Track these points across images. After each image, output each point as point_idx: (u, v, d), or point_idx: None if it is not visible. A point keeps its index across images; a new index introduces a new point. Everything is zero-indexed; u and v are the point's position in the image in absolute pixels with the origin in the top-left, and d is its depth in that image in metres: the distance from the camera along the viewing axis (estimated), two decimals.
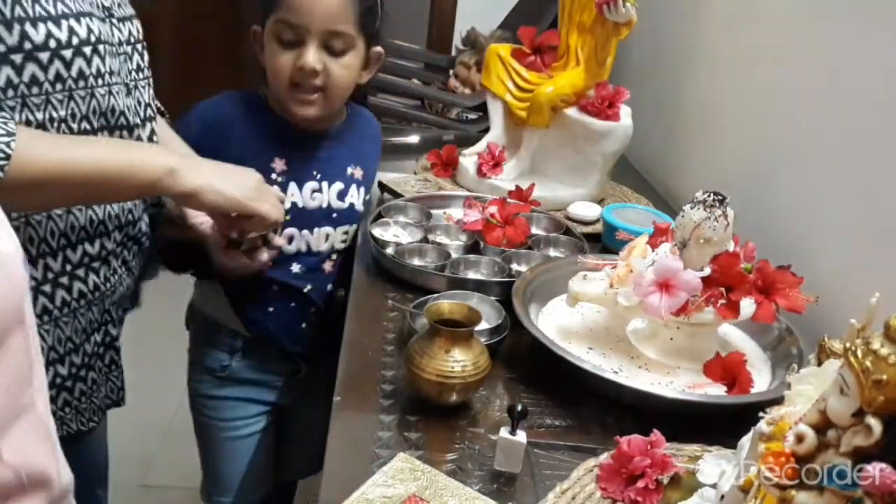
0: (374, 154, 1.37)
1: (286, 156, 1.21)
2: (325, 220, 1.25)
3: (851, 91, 1.11)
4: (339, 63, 1.15)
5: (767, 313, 0.94)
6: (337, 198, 1.26)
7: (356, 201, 1.28)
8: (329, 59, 1.14)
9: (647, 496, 0.74)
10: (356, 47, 1.16)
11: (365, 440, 0.82)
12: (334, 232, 1.27)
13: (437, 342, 0.85)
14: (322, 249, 1.26)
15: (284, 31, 1.13)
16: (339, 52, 1.15)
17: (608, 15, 1.41)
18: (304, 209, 1.23)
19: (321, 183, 1.24)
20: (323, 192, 1.24)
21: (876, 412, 0.47)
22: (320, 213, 1.24)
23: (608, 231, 1.34)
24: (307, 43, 1.13)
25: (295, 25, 1.12)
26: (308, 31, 1.12)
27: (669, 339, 0.99)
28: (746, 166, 1.40)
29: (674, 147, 1.75)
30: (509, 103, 1.53)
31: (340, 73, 1.16)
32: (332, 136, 1.27)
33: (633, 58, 1.95)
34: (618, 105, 1.48)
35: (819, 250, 1.13)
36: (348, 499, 0.72)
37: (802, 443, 0.51)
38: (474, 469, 0.80)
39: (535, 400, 0.92)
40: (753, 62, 1.42)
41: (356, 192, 1.28)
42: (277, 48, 1.14)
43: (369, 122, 1.38)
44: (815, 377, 0.59)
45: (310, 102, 1.17)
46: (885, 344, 0.47)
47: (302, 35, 1.13)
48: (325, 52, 1.14)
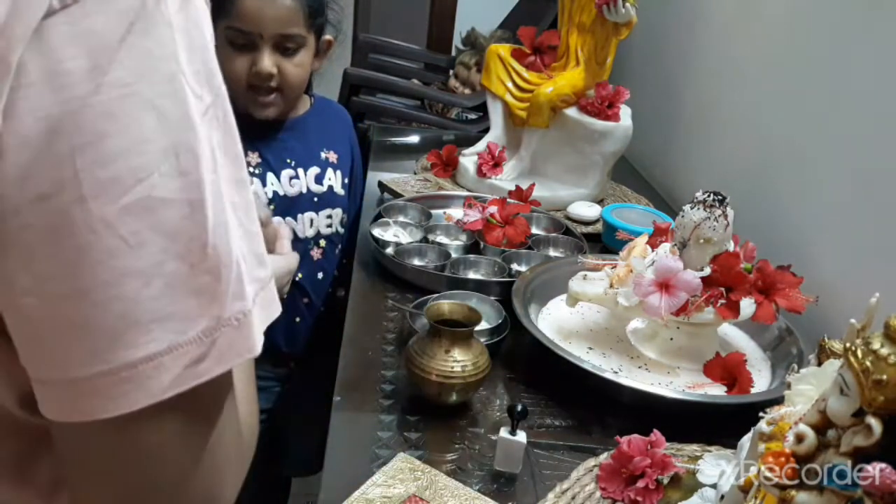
0: (347, 138, 1.42)
1: (258, 149, 1.26)
2: (308, 205, 1.30)
3: (851, 91, 1.11)
4: (292, 62, 1.20)
5: (767, 313, 0.94)
6: (315, 182, 1.30)
7: (335, 184, 1.33)
8: (282, 59, 1.19)
9: (647, 496, 0.74)
10: (307, 45, 1.21)
11: (365, 440, 0.82)
12: (317, 216, 1.31)
13: (437, 342, 0.85)
14: (308, 235, 1.31)
15: (237, 37, 1.17)
16: (292, 52, 1.20)
17: (608, 15, 1.41)
18: (286, 196, 1.27)
19: (297, 169, 1.29)
20: (300, 177, 1.29)
21: (876, 412, 0.47)
22: (301, 199, 1.29)
23: (608, 231, 1.34)
24: (260, 48, 1.17)
25: (246, 32, 1.16)
26: (261, 37, 1.16)
27: (669, 339, 0.99)
28: (746, 166, 1.40)
29: (674, 147, 1.75)
30: (509, 103, 1.53)
31: (294, 71, 1.21)
32: (299, 124, 1.32)
33: (633, 58, 1.95)
34: (618, 105, 1.49)
35: (819, 250, 1.13)
36: (348, 499, 0.72)
37: (802, 443, 0.51)
38: (474, 469, 0.80)
39: (535, 400, 0.92)
40: (753, 62, 1.42)
41: (333, 174, 1.33)
42: (231, 53, 1.18)
43: (336, 110, 1.44)
44: (815, 377, 0.59)
45: (269, 104, 1.22)
46: (885, 344, 0.47)
47: (254, 40, 1.17)
48: (278, 53, 1.19)
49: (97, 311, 0.33)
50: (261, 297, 0.39)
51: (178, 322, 0.35)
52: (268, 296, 0.40)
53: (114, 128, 0.33)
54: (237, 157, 0.39)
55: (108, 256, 0.33)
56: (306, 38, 1.20)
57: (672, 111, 1.76)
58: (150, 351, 0.34)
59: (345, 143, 1.39)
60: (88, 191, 0.32)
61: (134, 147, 0.33)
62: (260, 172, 1.24)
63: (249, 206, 0.39)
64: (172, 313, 0.35)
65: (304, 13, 1.18)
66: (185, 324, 0.35)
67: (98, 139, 0.32)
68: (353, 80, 2.18)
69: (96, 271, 0.33)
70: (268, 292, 0.40)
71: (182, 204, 0.34)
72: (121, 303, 0.34)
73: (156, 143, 0.34)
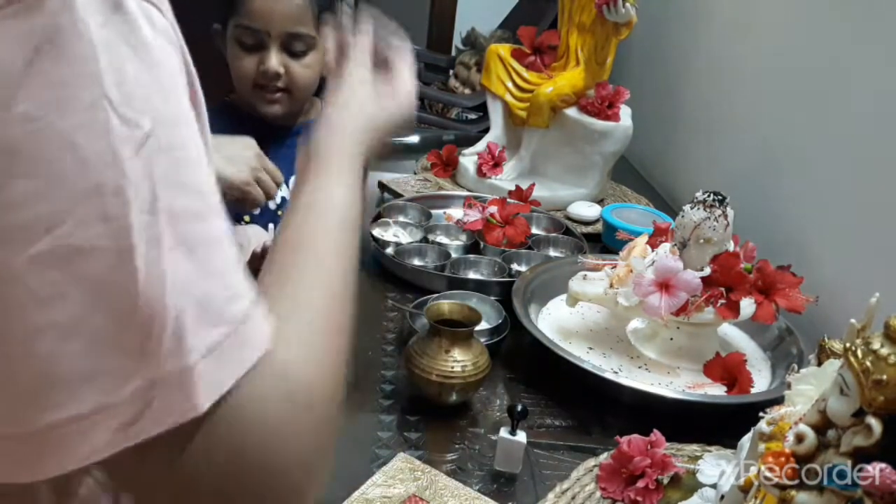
0: None
1: (267, 154, 1.24)
2: None
3: (852, 90, 1.11)
4: (300, 64, 1.19)
5: (767, 313, 0.94)
6: None
7: None
8: (290, 60, 1.18)
9: (647, 496, 0.74)
10: (317, 46, 1.19)
11: (365, 440, 0.82)
12: None
13: (437, 342, 0.85)
14: None
15: (245, 36, 1.16)
16: (300, 54, 1.18)
17: (608, 15, 1.41)
18: None
19: None
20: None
21: (876, 412, 0.47)
22: None
23: (608, 231, 1.34)
24: (268, 47, 1.16)
25: (255, 30, 1.15)
26: (268, 35, 1.15)
27: (669, 339, 0.99)
28: (746, 166, 1.40)
29: (673, 147, 1.75)
30: (509, 103, 1.53)
31: (302, 73, 1.19)
32: (310, 130, 1.29)
33: (633, 58, 1.95)
34: (618, 105, 1.49)
35: (819, 250, 1.13)
36: (348, 499, 0.72)
37: (802, 443, 0.51)
38: (474, 469, 0.80)
39: (535, 400, 0.92)
40: (754, 62, 1.42)
41: None
42: (239, 52, 1.17)
43: None
44: (815, 377, 0.59)
45: (275, 101, 1.20)
46: (885, 344, 0.47)
47: (262, 39, 1.16)
48: (286, 54, 1.17)
49: (13, 369, 0.31)
50: (228, 343, 0.34)
51: (105, 381, 0.31)
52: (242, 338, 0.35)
53: (19, 169, 0.29)
54: (195, 186, 0.34)
55: (19, 310, 0.30)
56: (316, 38, 1.18)
57: (672, 111, 1.76)
58: (74, 412, 0.31)
59: None
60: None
61: (44, 191, 0.29)
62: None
63: (215, 240, 0.35)
64: (97, 371, 0.31)
65: (314, 13, 1.16)
66: (113, 383, 0.31)
67: (1, 182, 0.29)
68: None
69: (9, 326, 0.30)
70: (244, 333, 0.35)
71: (106, 253, 0.31)
72: (37, 360, 0.31)
73: (70, 185, 0.30)
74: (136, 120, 0.31)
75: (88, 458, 0.32)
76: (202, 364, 0.33)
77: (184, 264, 0.33)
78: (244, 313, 0.36)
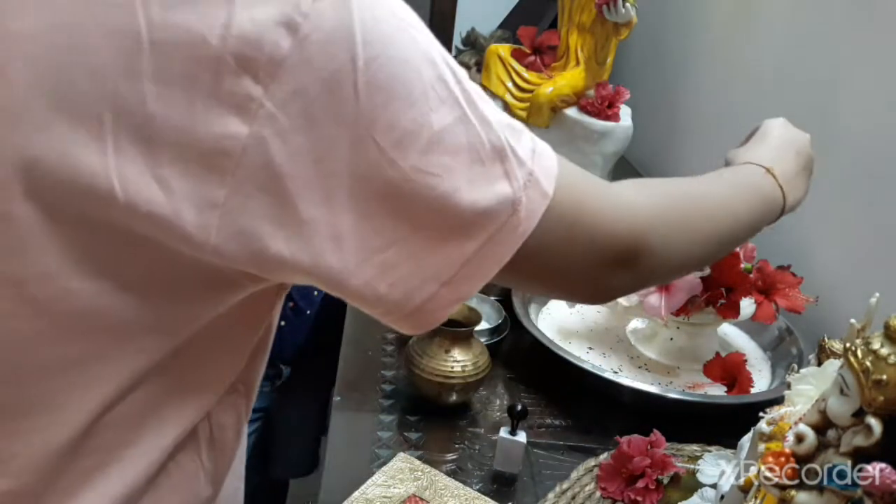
0: None
1: None
2: None
3: (853, 90, 1.10)
4: None
5: (767, 313, 0.94)
6: None
7: None
8: None
9: (647, 496, 0.74)
10: None
11: (365, 440, 0.82)
12: None
13: (436, 342, 0.85)
14: None
15: None
16: None
17: (608, 15, 1.41)
18: None
19: None
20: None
21: (876, 412, 0.47)
22: None
23: None
24: None
25: None
26: None
27: (669, 339, 0.99)
28: None
29: (674, 147, 1.75)
30: (509, 103, 1.52)
31: None
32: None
33: (633, 58, 1.95)
34: (618, 105, 1.48)
35: (819, 250, 1.13)
36: (348, 499, 0.72)
37: (802, 443, 0.51)
38: (474, 469, 0.80)
39: (534, 400, 0.92)
40: (754, 62, 1.42)
41: None
42: None
43: None
44: (815, 377, 0.59)
45: None
46: (886, 344, 0.47)
47: None
48: None
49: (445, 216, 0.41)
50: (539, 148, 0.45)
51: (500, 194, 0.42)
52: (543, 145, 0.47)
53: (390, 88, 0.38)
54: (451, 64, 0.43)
55: (429, 192, 0.40)
56: None
57: (672, 111, 1.76)
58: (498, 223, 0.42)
59: None
60: (394, 155, 0.38)
61: (408, 98, 0.39)
62: None
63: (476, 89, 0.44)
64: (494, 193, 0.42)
65: None
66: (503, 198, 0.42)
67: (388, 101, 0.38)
68: None
69: (428, 209, 0.40)
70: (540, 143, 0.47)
71: (455, 124, 0.40)
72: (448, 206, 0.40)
73: (419, 89, 0.39)
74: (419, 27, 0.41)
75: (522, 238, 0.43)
76: (535, 164, 0.44)
77: (489, 109, 0.43)
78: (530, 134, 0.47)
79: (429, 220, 0.41)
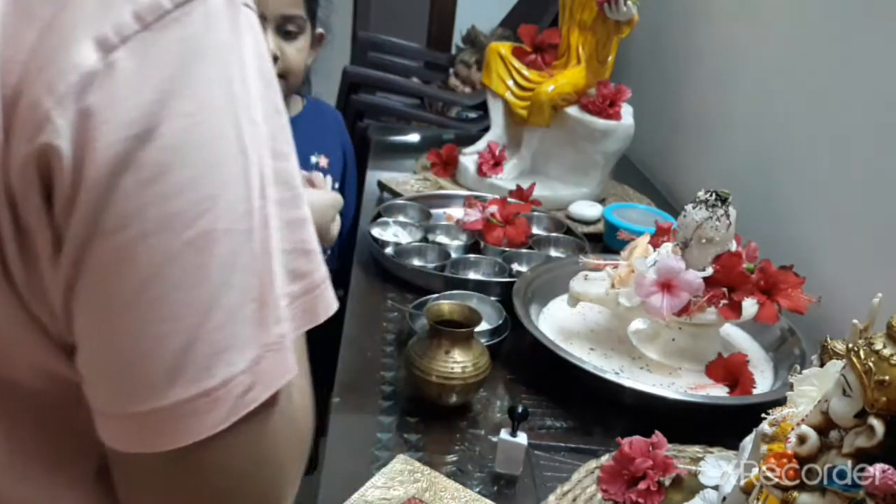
0: (339, 142, 1.40)
1: None
2: None
3: (855, 89, 1.10)
4: (293, 47, 1.20)
5: (770, 314, 0.93)
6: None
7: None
8: (284, 43, 1.19)
9: (648, 498, 0.73)
10: (306, 30, 1.22)
11: (364, 442, 0.81)
12: None
13: (436, 343, 0.85)
14: None
15: None
16: (293, 36, 1.20)
17: (609, 13, 1.40)
18: None
19: None
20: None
21: (878, 413, 0.47)
22: None
23: (609, 231, 1.33)
24: (264, 30, 1.16)
25: None
26: (264, 18, 1.16)
27: (671, 339, 0.99)
28: (748, 165, 1.39)
29: (675, 146, 1.74)
30: (510, 102, 1.52)
31: (296, 56, 1.21)
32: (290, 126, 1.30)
33: (635, 56, 1.94)
34: (619, 104, 1.48)
35: (821, 250, 1.13)
36: (347, 500, 0.71)
37: (805, 444, 0.51)
38: (474, 471, 0.79)
39: (535, 401, 0.91)
40: (756, 60, 1.42)
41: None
42: None
43: (328, 112, 1.43)
44: (818, 378, 0.59)
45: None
46: (888, 344, 0.46)
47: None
48: (280, 37, 1.19)
49: (156, 347, 0.33)
50: (303, 301, 0.39)
51: (232, 354, 0.35)
52: (312, 300, 0.40)
53: (178, 160, 0.32)
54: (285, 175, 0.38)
55: (169, 291, 0.33)
56: (306, 21, 1.21)
57: (674, 110, 1.75)
58: (206, 386, 0.34)
59: (336, 147, 1.38)
60: (152, 226, 0.32)
61: (198, 179, 0.33)
62: None
63: (295, 197, 0.39)
64: (228, 346, 0.34)
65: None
66: (238, 355, 0.35)
67: (162, 173, 0.32)
68: (353, 78, 2.18)
69: (157, 307, 0.33)
70: (313, 296, 0.40)
71: (239, 234, 0.34)
72: (179, 338, 0.33)
73: (217, 172, 0.34)
74: (253, 117, 0.35)
75: (214, 429, 0.35)
76: (292, 324, 0.38)
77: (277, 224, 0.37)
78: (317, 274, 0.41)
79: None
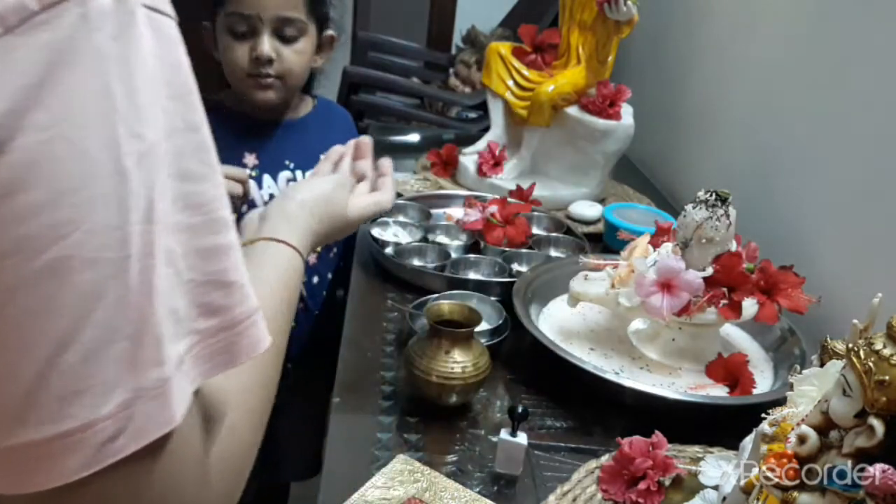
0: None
1: (255, 149, 1.24)
2: None
3: (855, 90, 1.10)
4: (292, 49, 1.19)
5: (770, 314, 0.93)
6: None
7: None
8: (282, 46, 1.18)
9: (648, 498, 0.73)
10: (308, 33, 1.20)
11: (364, 442, 0.81)
12: None
13: (436, 343, 0.85)
14: None
15: (237, 24, 1.16)
16: (292, 39, 1.18)
17: (609, 13, 1.40)
18: None
19: (295, 172, 1.26)
20: (298, 180, 1.25)
21: (879, 413, 0.47)
22: None
23: (609, 231, 1.33)
24: (260, 33, 1.16)
25: (247, 16, 1.15)
26: (260, 21, 1.15)
27: (671, 339, 0.99)
28: (748, 165, 1.39)
29: (675, 146, 1.74)
30: (510, 102, 1.52)
31: (295, 59, 1.19)
32: (299, 126, 1.30)
33: (635, 56, 1.94)
34: (619, 104, 1.48)
35: (821, 250, 1.13)
36: (347, 501, 0.71)
37: (805, 444, 0.51)
38: (474, 471, 0.79)
39: (535, 401, 0.91)
40: (756, 60, 1.42)
41: None
42: (231, 41, 1.17)
43: (339, 114, 1.42)
44: (818, 378, 0.59)
45: (269, 87, 1.20)
46: (888, 344, 0.46)
47: (254, 25, 1.16)
48: (278, 39, 1.18)
49: (6, 375, 0.30)
50: (199, 349, 0.35)
51: (94, 395, 0.31)
52: (232, 338, 0.37)
53: (33, 179, 0.29)
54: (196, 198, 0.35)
55: (19, 323, 0.30)
56: (307, 24, 1.19)
57: (674, 110, 1.75)
58: (64, 428, 0.31)
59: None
60: (5, 248, 0.29)
61: (56, 200, 0.29)
62: (256, 175, 1.23)
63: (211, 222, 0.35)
64: (89, 386, 0.31)
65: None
66: (102, 397, 0.31)
67: (14, 192, 0.28)
68: (353, 78, 2.18)
69: (6, 332, 0.30)
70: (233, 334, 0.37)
71: (107, 263, 0.31)
72: (30, 370, 0.30)
73: (79, 194, 0.30)
74: (140, 132, 0.32)
75: (71, 476, 0.31)
76: (182, 372, 0.34)
77: (172, 273, 0.33)
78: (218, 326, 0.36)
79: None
